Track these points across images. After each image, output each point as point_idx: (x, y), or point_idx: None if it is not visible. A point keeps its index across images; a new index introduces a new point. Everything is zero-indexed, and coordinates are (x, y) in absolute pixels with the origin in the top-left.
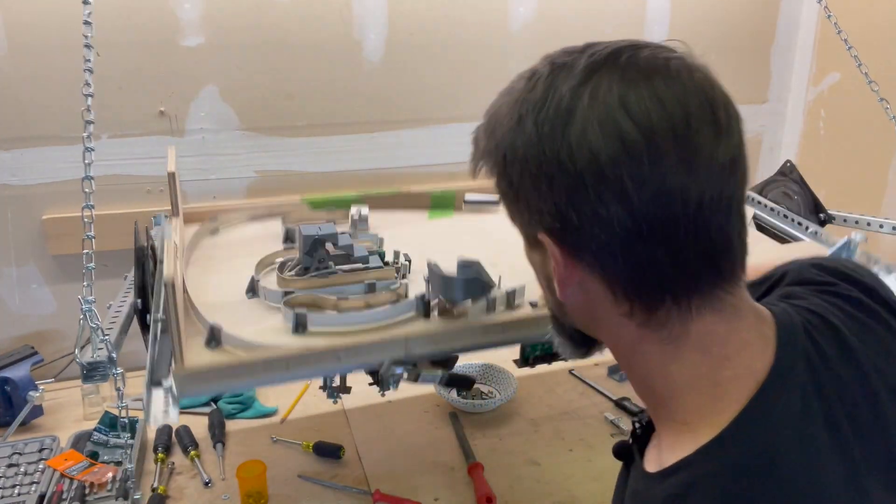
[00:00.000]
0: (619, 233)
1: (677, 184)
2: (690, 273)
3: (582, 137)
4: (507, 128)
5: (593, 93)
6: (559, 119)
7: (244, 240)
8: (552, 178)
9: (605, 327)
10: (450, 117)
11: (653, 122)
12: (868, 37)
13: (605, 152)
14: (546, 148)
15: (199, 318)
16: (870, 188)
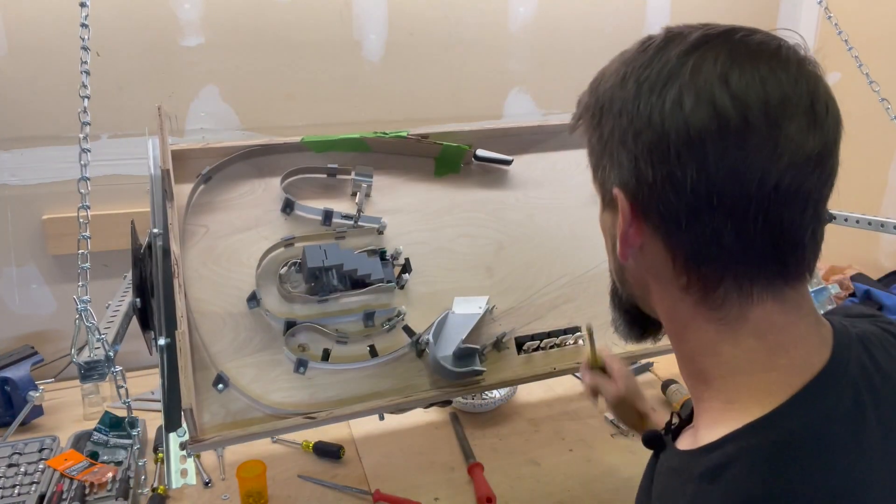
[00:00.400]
0: (690, 198)
1: (758, 164)
2: (755, 258)
3: (677, 100)
4: (610, 84)
5: (698, 62)
6: (660, 80)
7: (241, 202)
8: (639, 133)
9: (661, 299)
10: (450, 117)
11: (749, 100)
12: (868, 37)
13: (695, 118)
14: (641, 104)
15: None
16: (870, 188)
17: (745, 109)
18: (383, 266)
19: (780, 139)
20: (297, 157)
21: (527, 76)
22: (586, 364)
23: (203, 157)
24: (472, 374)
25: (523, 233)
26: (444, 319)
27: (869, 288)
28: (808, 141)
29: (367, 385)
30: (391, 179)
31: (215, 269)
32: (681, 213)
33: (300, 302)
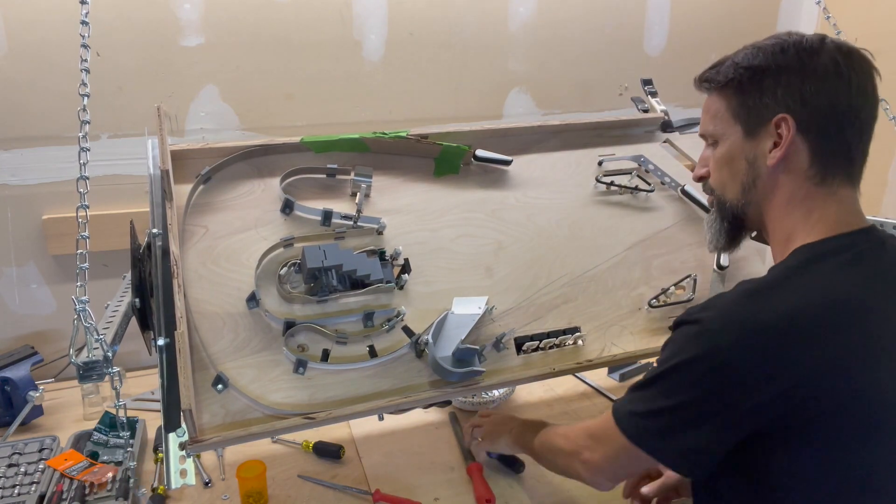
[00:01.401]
0: (838, 116)
1: (872, 99)
2: (854, 156)
3: (828, 56)
4: (771, 53)
5: (832, 43)
6: (812, 49)
7: (240, 202)
8: (805, 77)
9: (787, 186)
10: (450, 117)
11: (865, 64)
12: (867, 37)
13: (844, 65)
14: (804, 61)
15: (206, 355)
16: (870, 188)
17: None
18: (383, 266)
19: (866, 88)
20: (297, 157)
21: (527, 76)
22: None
23: (202, 158)
24: (472, 375)
25: (523, 233)
26: (443, 320)
27: None
28: (875, 94)
29: (366, 385)
30: (391, 180)
31: (215, 269)
32: (831, 128)
33: (300, 302)
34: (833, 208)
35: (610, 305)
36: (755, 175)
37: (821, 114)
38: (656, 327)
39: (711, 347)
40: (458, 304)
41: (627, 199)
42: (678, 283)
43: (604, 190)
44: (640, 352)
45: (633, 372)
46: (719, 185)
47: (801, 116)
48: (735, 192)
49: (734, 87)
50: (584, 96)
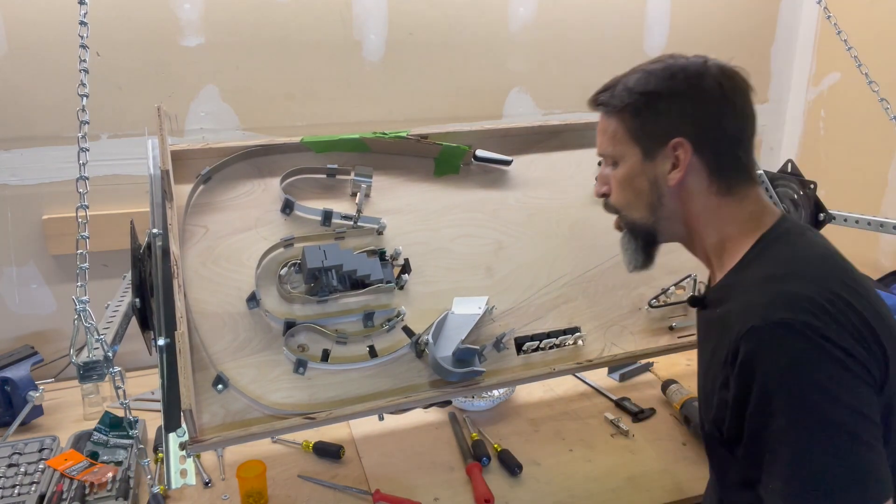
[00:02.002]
0: (728, 137)
1: (751, 116)
2: (751, 164)
3: (712, 80)
4: (661, 78)
5: (713, 65)
6: (698, 74)
7: (240, 202)
8: (696, 102)
9: (695, 202)
10: (450, 117)
11: (742, 84)
12: (868, 37)
13: (728, 89)
14: (694, 86)
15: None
16: (870, 188)
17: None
18: (383, 266)
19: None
20: (297, 157)
21: (527, 76)
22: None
23: (203, 158)
24: (472, 375)
25: (523, 233)
26: (443, 320)
27: None
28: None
29: (366, 385)
30: (391, 180)
31: (215, 269)
32: (724, 147)
33: (300, 302)
34: (751, 207)
35: (610, 305)
36: (659, 194)
37: (713, 135)
38: (656, 327)
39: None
40: (458, 304)
41: None
42: (678, 283)
43: None
44: (640, 352)
45: (633, 372)
46: (623, 204)
47: (695, 139)
48: (642, 211)
49: (630, 112)
50: (584, 96)
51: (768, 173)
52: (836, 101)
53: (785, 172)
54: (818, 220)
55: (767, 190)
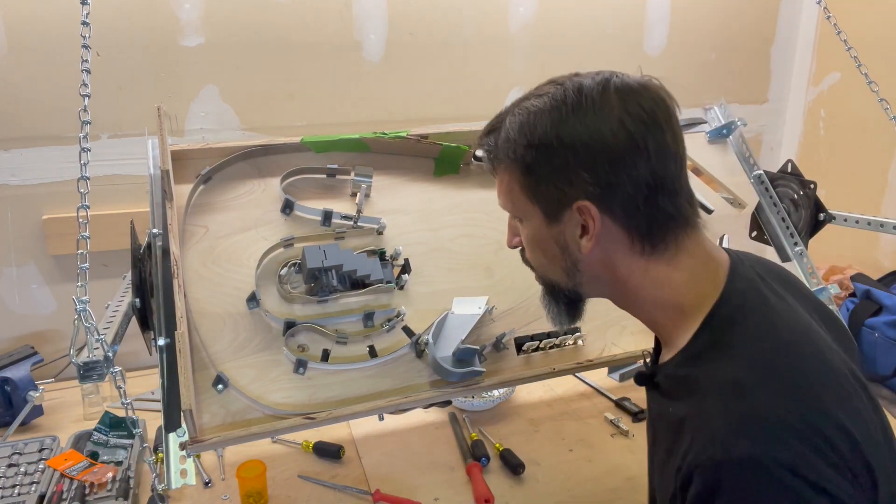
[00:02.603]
0: (643, 189)
1: (673, 150)
2: (682, 215)
3: (615, 120)
4: (550, 122)
5: (616, 95)
6: (595, 109)
7: (240, 202)
8: (595, 155)
9: (619, 266)
10: (450, 117)
11: (657, 114)
12: (868, 37)
13: (635, 131)
14: (591, 133)
15: (207, 355)
16: (870, 188)
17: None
18: (383, 266)
19: (677, 135)
20: (297, 157)
21: (527, 76)
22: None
23: (203, 158)
24: (472, 375)
25: None
26: (443, 320)
27: (869, 288)
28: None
29: (366, 385)
30: (391, 180)
31: (215, 269)
32: (639, 200)
33: (300, 302)
34: (689, 262)
35: (610, 305)
36: (573, 260)
37: (622, 192)
38: None
39: (794, 483)
40: (458, 305)
41: None
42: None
43: None
44: (639, 352)
45: (632, 372)
46: (538, 265)
47: (601, 200)
48: (559, 275)
49: (520, 168)
50: None
51: (768, 173)
52: (836, 101)
53: (785, 172)
54: (818, 220)
55: (768, 189)
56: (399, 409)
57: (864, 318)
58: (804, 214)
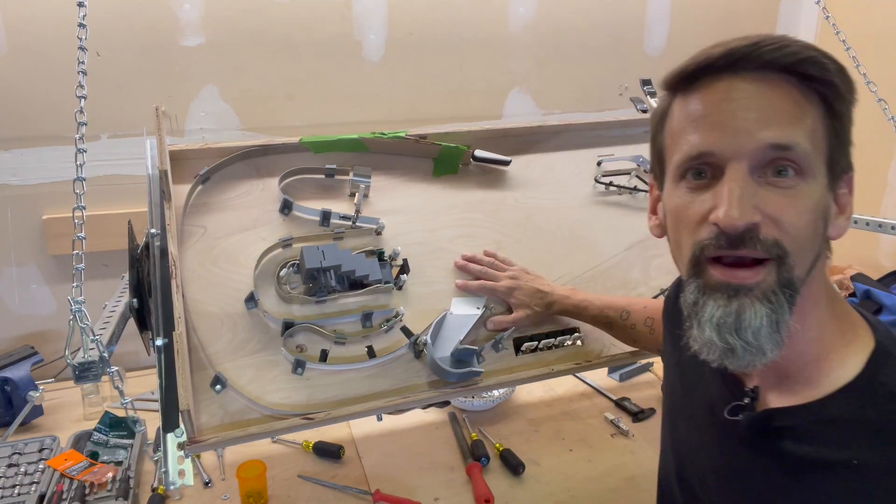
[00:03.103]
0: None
1: None
2: None
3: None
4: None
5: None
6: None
7: (239, 202)
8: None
9: (821, 270)
10: (449, 117)
11: None
12: (867, 37)
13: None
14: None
15: (205, 356)
16: (870, 188)
17: None
18: (381, 267)
19: None
20: (296, 157)
21: (527, 76)
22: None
23: (201, 158)
24: (471, 375)
25: (522, 233)
26: (442, 320)
27: (869, 288)
28: None
29: (365, 386)
30: (389, 180)
31: (213, 269)
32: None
33: (298, 303)
34: (841, 297)
35: None
36: (823, 248)
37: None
38: None
39: None
40: (456, 305)
41: (626, 200)
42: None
43: (603, 190)
44: (640, 352)
45: (633, 372)
46: (799, 248)
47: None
48: (806, 267)
49: (833, 103)
50: (584, 96)
51: None
52: None
53: None
54: None
55: None
56: (397, 409)
57: None
58: None
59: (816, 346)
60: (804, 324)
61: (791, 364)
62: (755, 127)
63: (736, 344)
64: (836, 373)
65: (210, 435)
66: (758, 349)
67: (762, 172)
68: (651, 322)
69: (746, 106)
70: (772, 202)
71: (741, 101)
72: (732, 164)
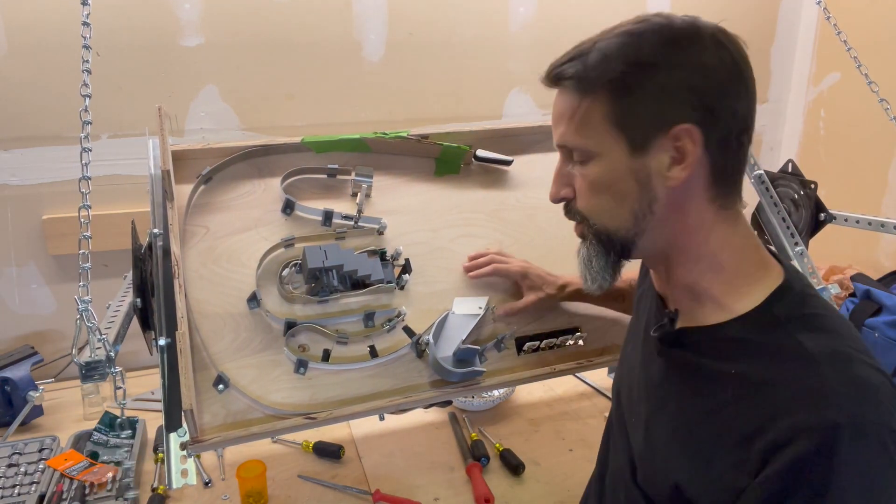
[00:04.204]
0: (739, 124)
1: (754, 89)
2: (743, 168)
3: (715, 49)
4: (655, 44)
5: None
6: (697, 39)
7: (241, 202)
8: (705, 77)
9: (690, 213)
10: (450, 117)
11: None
12: (868, 37)
13: (740, 60)
14: (700, 55)
15: (207, 355)
16: (870, 188)
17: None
18: (383, 266)
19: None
20: (298, 157)
21: (527, 76)
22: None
23: (203, 158)
24: (473, 375)
25: (523, 233)
26: (444, 320)
27: (869, 288)
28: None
29: (367, 385)
30: (391, 180)
31: (215, 269)
32: (732, 138)
33: (300, 302)
34: (744, 231)
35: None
36: (650, 198)
37: (724, 124)
38: None
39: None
40: (458, 305)
41: None
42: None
43: None
44: None
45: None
46: (597, 212)
47: (704, 127)
48: (624, 219)
49: (614, 90)
50: None
51: (769, 173)
52: (836, 101)
53: (785, 172)
54: (819, 220)
55: (768, 189)
56: (399, 409)
57: (864, 318)
58: (805, 214)
59: (719, 282)
60: (691, 254)
61: (700, 294)
62: (553, 131)
63: (586, 274)
64: (740, 303)
65: (212, 434)
66: (600, 277)
67: (569, 159)
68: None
69: (552, 114)
70: (574, 180)
71: (552, 110)
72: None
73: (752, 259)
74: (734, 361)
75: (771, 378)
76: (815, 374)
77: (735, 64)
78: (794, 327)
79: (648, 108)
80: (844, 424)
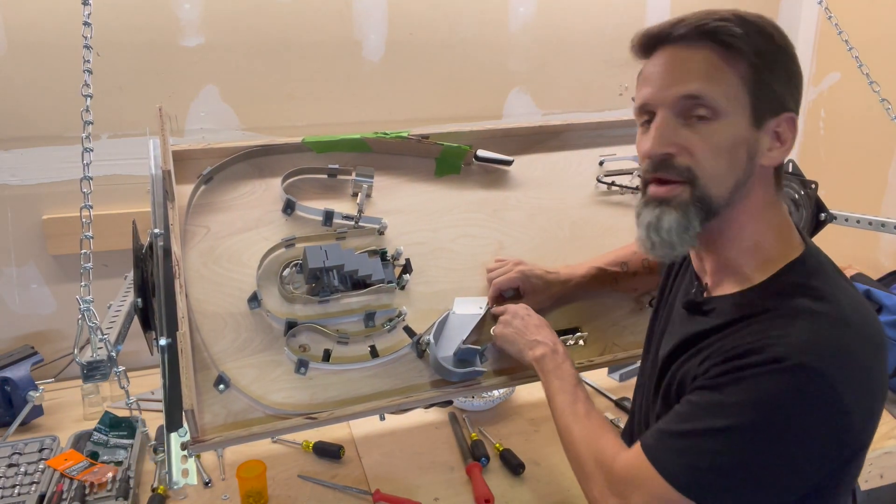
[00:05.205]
0: (798, 117)
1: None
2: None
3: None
4: (782, 37)
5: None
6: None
7: (242, 202)
8: (801, 76)
9: (758, 193)
10: (450, 117)
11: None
12: (868, 37)
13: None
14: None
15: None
16: (870, 188)
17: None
18: (384, 266)
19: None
20: (298, 157)
21: (527, 76)
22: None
23: (204, 158)
24: (473, 375)
25: (524, 233)
26: (444, 320)
27: (869, 288)
28: None
29: (367, 385)
30: (392, 180)
31: (216, 269)
32: (796, 127)
33: (301, 302)
34: (784, 214)
35: (611, 305)
36: (749, 173)
37: (797, 116)
38: None
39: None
40: (459, 304)
41: (628, 199)
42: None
43: (605, 190)
44: (640, 352)
45: (632, 372)
46: (711, 174)
47: (796, 117)
48: (727, 188)
49: (761, 62)
50: (584, 96)
51: None
52: (836, 101)
53: (786, 172)
54: (819, 219)
55: None
56: (400, 409)
57: None
58: (805, 214)
59: (752, 259)
60: (742, 233)
61: (732, 269)
62: (673, 82)
63: (656, 240)
64: (758, 274)
65: (213, 434)
66: (669, 244)
67: (686, 116)
68: (647, 262)
69: (671, 68)
70: (687, 138)
71: (668, 65)
72: (659, 110)
73: (786, 240)
74: (732, 320)
75: (756, 326)
76: (788, 325)
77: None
78: (795, 293)
79: (776, 89)
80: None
